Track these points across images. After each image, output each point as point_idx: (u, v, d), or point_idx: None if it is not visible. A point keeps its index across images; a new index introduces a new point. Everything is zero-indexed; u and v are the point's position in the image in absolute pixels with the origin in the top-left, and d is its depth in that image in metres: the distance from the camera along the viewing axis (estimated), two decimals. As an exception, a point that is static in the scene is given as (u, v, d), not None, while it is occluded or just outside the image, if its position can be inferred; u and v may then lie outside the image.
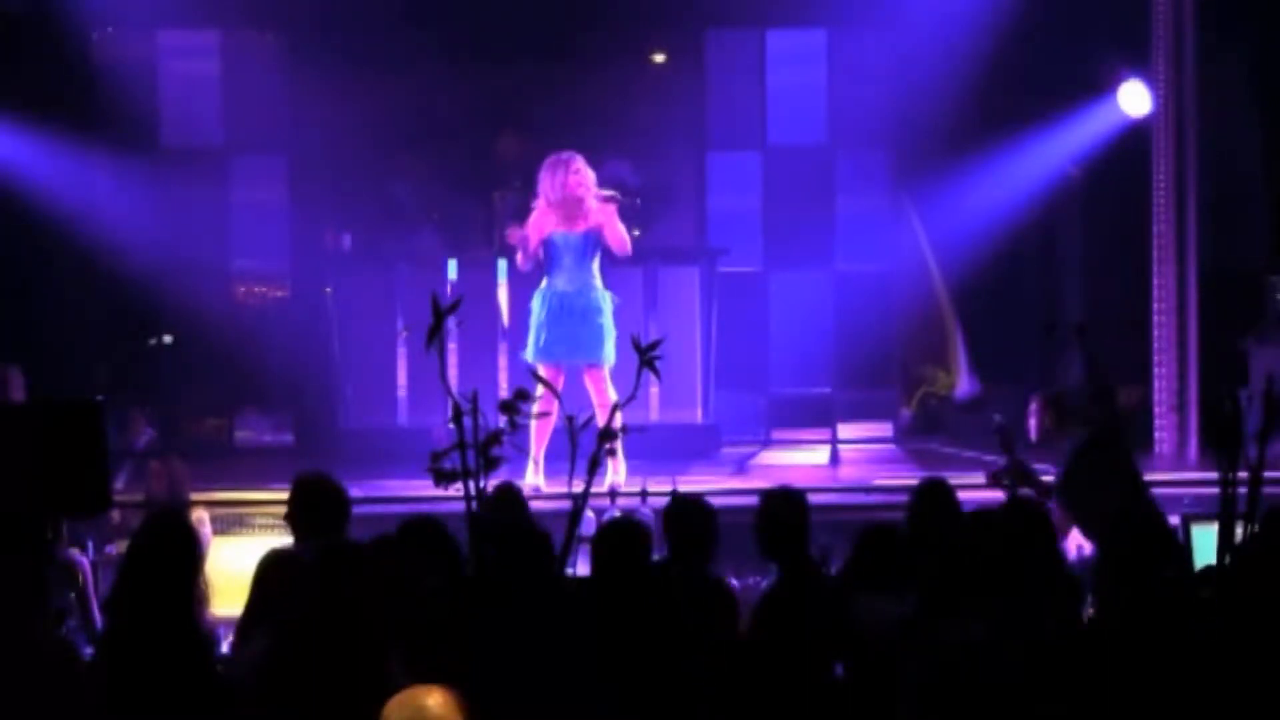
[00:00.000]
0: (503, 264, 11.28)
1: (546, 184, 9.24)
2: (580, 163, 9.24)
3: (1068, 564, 5.51)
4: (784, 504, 5.94)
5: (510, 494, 6.25)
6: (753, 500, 6.20)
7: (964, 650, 4.93)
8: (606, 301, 9.27)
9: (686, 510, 6.00)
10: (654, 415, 10.99)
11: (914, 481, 6.66)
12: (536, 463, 9.17)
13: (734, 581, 7.24)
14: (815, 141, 13.16)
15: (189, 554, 5.32)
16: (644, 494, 8.71)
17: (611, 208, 9.21)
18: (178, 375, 12.82)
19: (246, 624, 5.67)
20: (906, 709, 5.02)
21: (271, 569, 5.64)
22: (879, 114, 12.75)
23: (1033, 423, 7.98)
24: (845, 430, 12.57)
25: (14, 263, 12.19)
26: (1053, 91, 12.49)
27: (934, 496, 6.46)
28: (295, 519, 6.16)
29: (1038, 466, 8.02)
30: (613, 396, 8.87)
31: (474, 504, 5.21)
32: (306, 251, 12.56)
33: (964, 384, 13.46)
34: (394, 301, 11.56)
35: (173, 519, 5.53)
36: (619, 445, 5.98)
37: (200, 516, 7.92)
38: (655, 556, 5.89)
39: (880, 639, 5.23)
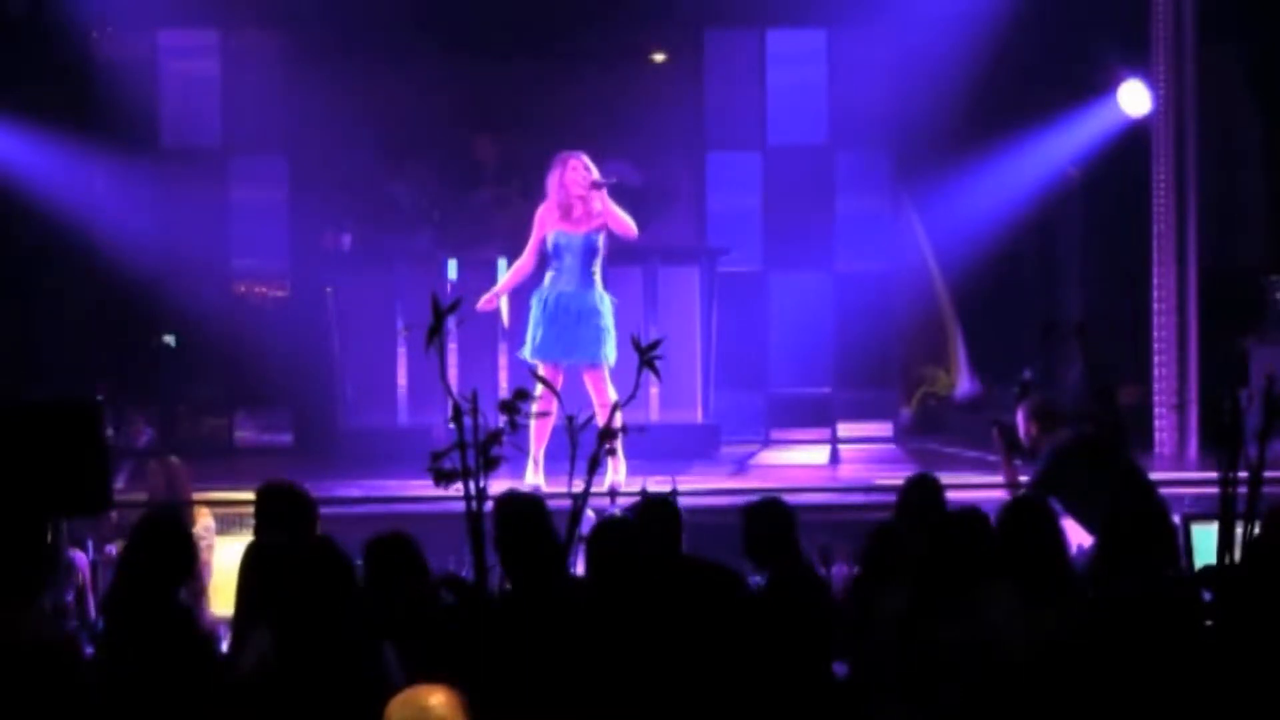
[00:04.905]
0: (503, 264, 11.26)
1: (549, 182, 9.28)
2: (580, 162, 9.23)
3: (1070, 559, 5.52)
4: (764, 518, 5.97)
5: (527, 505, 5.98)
6: (751, 500, 6.23)
7: (962, 647, 4.93)
8: (605, 303, 9.25)
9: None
10: (654, 415, 10.98)
11: (905, 479, 6.70)
12: (536, 462, 9.16)
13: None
14: (815, 141, 13.15)
15: (182, 554, 5.33)
16: (644, 494, 8.69)
17: (602, 194, 9.21)
18: (178, 375, 12.84)
19: (239, 622, 5.68)
20: (905, 705, 5.03)
21: (254, 563, 5.65)
22: (879, 114, 12.74)
23: (1021, 430, 7.99)
24: (845, 430, 12.58)
25: (14, 263, 12.20)
26: (1053, 91, 12.51)
27: (922, 491, 6.50)
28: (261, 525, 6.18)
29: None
30: (612, 396, 8.86)
31: (474, 504, 5.21)
32: (306, 251, 12.55)
33: (964, 384, 13.47)
34: (394, 301, 11.55)
35: (165, 519, 5.54)
36: (619, 445, 5.98)
37: (207, 524, 7.93)
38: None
39: (887, 637, 5.24)
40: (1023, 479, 7.97)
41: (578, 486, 5.55)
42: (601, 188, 9.20)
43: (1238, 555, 5.64)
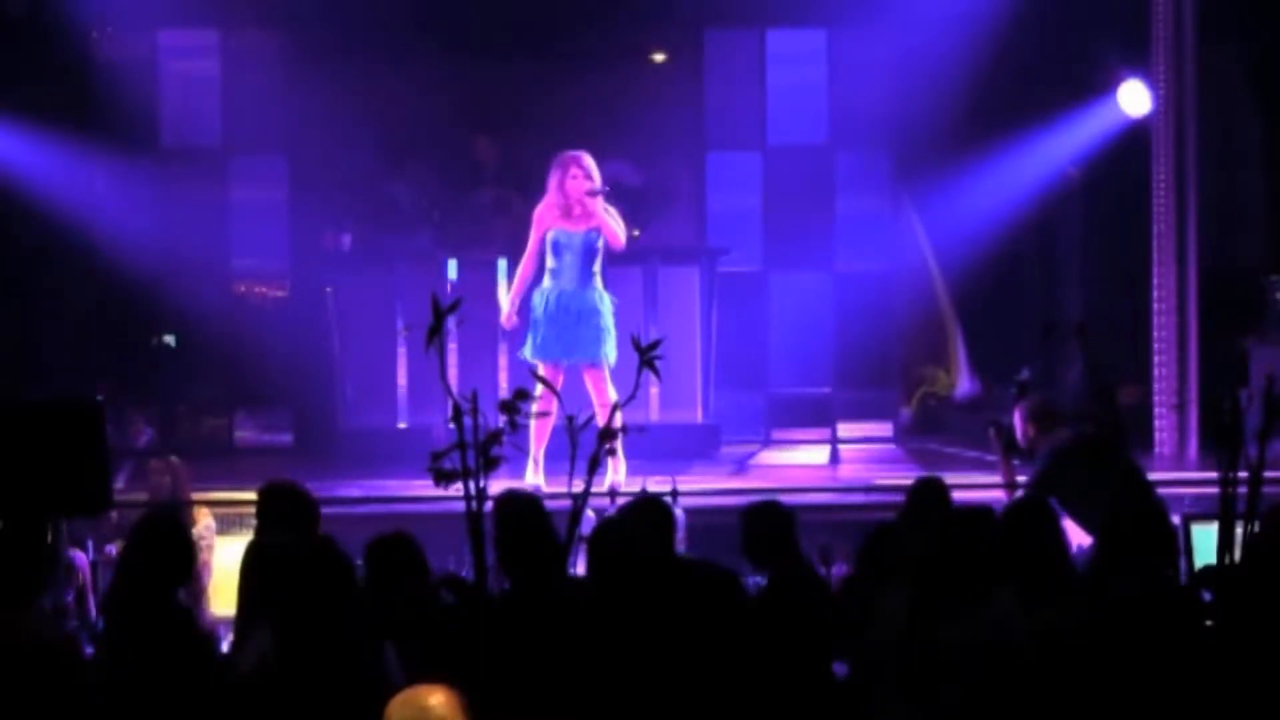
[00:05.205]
0: (503, 264, 11.27)
1: (550, 182, 9.29)
2: (581, 167, 9.22)
3: (1071, 559, 5.52)
4: (762, 520, 5.97)
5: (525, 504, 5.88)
6: (751, 499, 6.23)
7: (962, 647, 4.93)
8: (605, 302, 9.26)
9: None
10: (654, 415, 10.98)
11: (912, 481, 6.68)
12: (536, 462, 9.17)
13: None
14: (815, 141, 13.15)
15: (182, 554, 5.34)
16: (644, 494, 8.69)
17: (597, 201, 9.21)
18: (178, 375, 12.84)
19: (242, 622, 5.68)
20: (907, 706, 5.02)
21: (254, 563, 5.66)
22: (879, 114, 12.74)
23: (1019, 430, 7.99)
24: (845, 430, 12.58)
25: (14, 263, 12.20)
26: (1053, 91, 12.50)
27: (929, 494, 6.49)
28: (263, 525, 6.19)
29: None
30: (613, 396, 8.87)
31: (474, 504, 5.21)
32: (306, 251, 12.55)
33: (964, 384, 13.47)
34: (394, 301, 11.55)
35: (165, 519, 5.54)
36: (619, 445, 5.98)
37: (207, 524, 7.94)
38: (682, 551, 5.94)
39: (886, 637, 5.24)
40: (1020, 479, 7.97)
41: (578, 486, 5.55)
42: (595, 195, 9.20)
43: (1238, 555, 5.64)
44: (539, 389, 7.75)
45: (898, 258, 13.19)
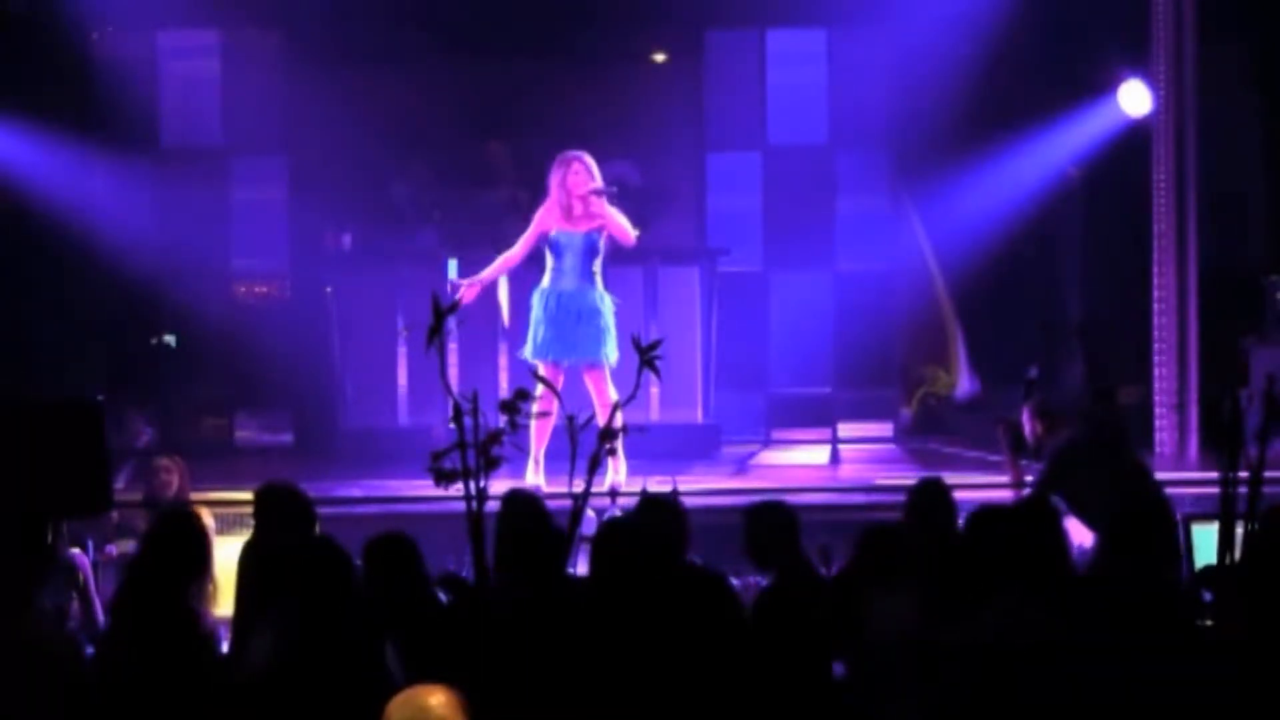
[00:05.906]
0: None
1: (551, 181, 9.29)
2: (583, 164, 9.24)
3: (1072, 559, 5.52)
4: (765, 519, 5.97)
5: (528, 503, 5.97)
6: (752, 499, 6.23)
7: (968, 651, 4.93)
8: (606, 302, 9.27)
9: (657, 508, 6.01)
10: (654, 415, 10.98)
11: (914, 481, 6.68)
12: (537, 462, 9.17)
13: (734, 581, 7.25)
14: (815, 141, 13.16)
15: (201, 554, 5.35)
16: (644, 494, 8.68)
17: (602, 200, 9.22)
18: (178, 375, 12.84)
19: (240, 622, 5.69)
20: (909, 708, 5.02)
21: (251, 563, 5.66)
22: (879, 114, 12.74)
23: (1027, 429, 8.00)
24: (845, 430, 12.58)
25: (14, 263, 12.19)
26: (1053, 91, 12.49)
27: (931, 495, 6.49)
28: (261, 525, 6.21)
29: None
30: (613, 396, 8.87)
31: (474, 504, 5.22)
32: (306, 251, 12.56)
33: (964, 384, 13.46)
34: (394, 301, 11.55)
35: (188, 518, 5.55)
36: (619, 445, 5.98)
37: (207, 523, 7.93)
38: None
39: (886, 637, 5.23)
40: (1028, 478, 7.97)
41: (578, 486, 5.55)
42: (601, 195, 9.20)
43: (1238, 555, 5.64)
44: (539, 389, 7.75)
45: (898, 258, 13.20)
